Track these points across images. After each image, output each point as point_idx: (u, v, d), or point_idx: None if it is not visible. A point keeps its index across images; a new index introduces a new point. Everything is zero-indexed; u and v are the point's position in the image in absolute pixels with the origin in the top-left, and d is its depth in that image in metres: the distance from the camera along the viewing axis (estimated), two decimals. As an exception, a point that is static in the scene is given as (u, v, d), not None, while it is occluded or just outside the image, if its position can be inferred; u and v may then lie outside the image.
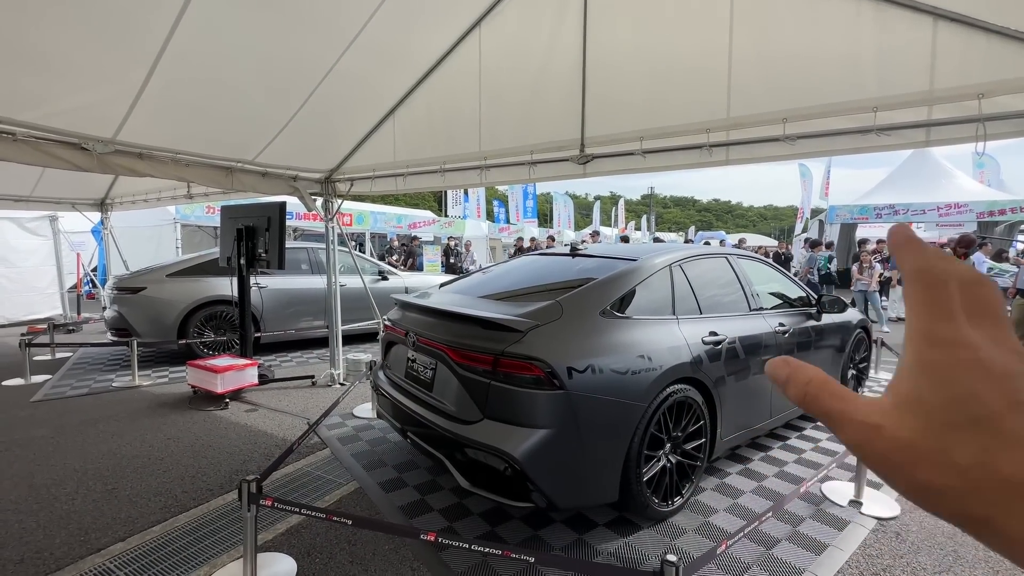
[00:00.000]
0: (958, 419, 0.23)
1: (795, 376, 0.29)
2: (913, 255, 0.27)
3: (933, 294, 0.26)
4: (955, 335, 0.25)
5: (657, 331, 2.58)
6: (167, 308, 5.50)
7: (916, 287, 0.27)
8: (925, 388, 0.25)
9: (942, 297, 0.26)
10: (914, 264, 0.27)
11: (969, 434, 0.23)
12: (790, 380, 0.29)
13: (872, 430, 0.25)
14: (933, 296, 0.26)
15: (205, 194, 5.84)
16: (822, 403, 0.27)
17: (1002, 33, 2.27)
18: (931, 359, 0.25)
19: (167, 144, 3.54)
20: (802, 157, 2.88)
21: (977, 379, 0.24)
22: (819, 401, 0.27)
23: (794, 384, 0.29)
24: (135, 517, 2.60)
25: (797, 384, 0.28)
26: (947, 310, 0.25)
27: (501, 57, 3.60)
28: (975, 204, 12.69)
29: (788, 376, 0.29)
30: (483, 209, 21.37)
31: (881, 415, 0.25)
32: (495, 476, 2.19)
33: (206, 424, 3.91)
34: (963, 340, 0.25)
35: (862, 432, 0.25)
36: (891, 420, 0.25)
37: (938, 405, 0.24)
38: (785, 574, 2.16)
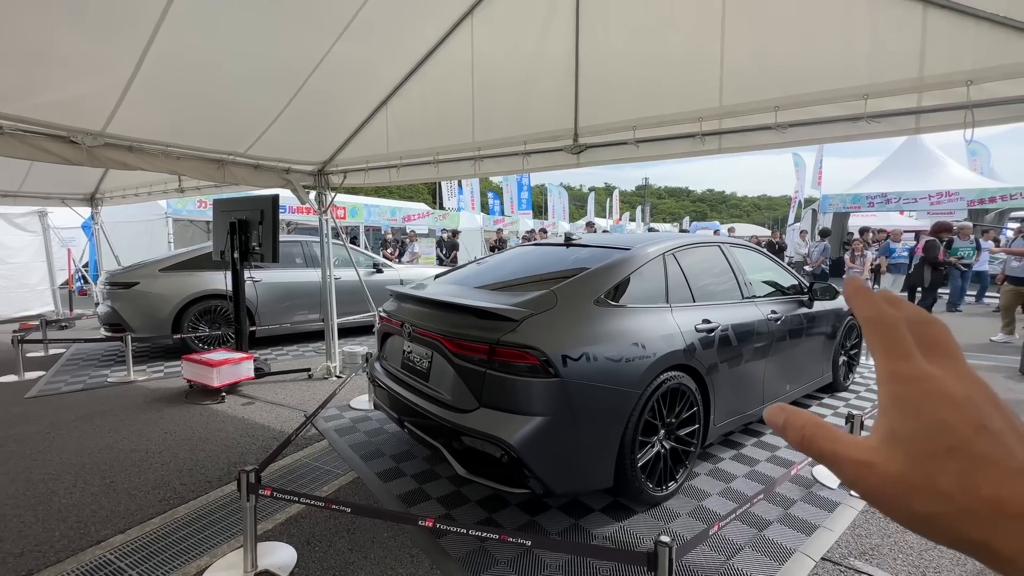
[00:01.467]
0: (934, 448, 0.25)
1: (791, 421, 0.30)
2: (863, 305, 0.30)
3: (889, 338, 0.29)
4: (915, 371, 0.27)
5: (651, 319, 2.61)
6: (161, 303, 5.48)
7: (872, 333, 0.29)
8: (899, 422, 0.26)
9: (896, 339, 0.28)
10: (866, 313, 0.30)
11: (947, 461, 0.24)
12: (787, 425, 0.30)
13: (864, 467, 0.27)
14: (889, 339, 0.28)
15: (197, 188, 5.79)
16: (817, 445, 0.29)
17: (991, 19, 2.28)
18: (899, 394, 0.27)
19: (157, 137, 3.50)
20: (794, 145, 2.90)
21: (942, 408, 0.26)
22: (815, 443, 0.29)
23: (791, 428, 0.30)
24: (134, 510, 2.61)
25: (793, 428, 0.30)
26: (904, 350, 0.28)
27: (494, 47, 3.58)
28: (966, 192, 12.77)
29: (784, 422, 0.31)
30: (478, 201, 21.30)
31: (870, 452, 0.27)
32: (492, 463, 2.22)
33: (203, 418, 3.92)
34: (923, 374, 0.27)
35: (856, 470, 0.27)
36: (879, 456, 0.26)
37: (913, 436, 0.26)
38: (776, 554, 2.21)
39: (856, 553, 2.25)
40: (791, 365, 3.59)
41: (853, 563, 2.18)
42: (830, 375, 4.25)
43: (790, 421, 0.30)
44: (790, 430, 0.30)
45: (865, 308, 0.30)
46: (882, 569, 2.14)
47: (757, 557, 2.19)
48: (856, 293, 0.31)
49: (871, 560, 2.20)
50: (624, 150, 3.30)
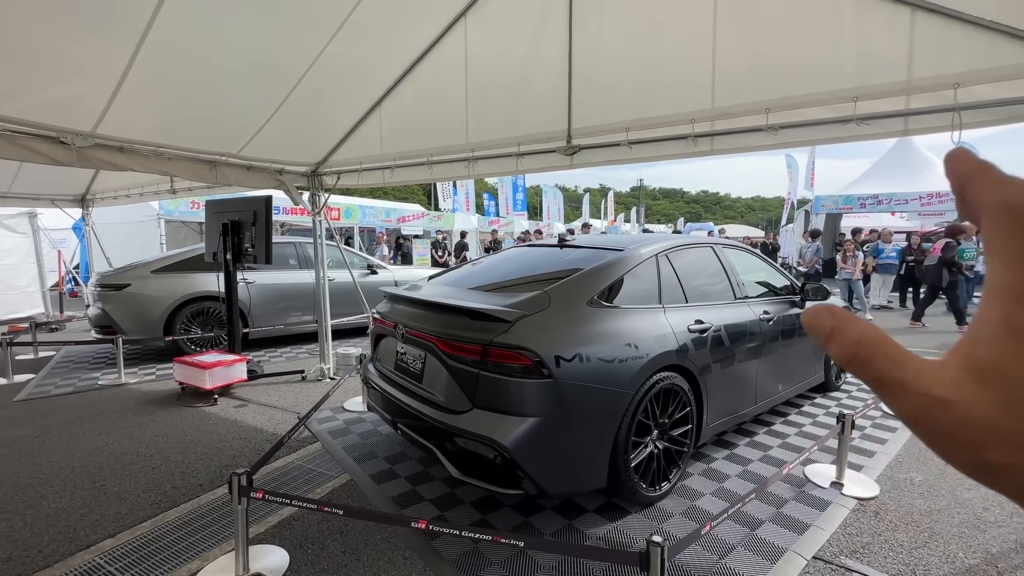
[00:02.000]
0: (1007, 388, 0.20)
1: (842, 331, 0.24)
2: (994, 186, 0.22)
3: (1020, 242, 0.21)
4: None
5: (644, 320, 2.62)
6: (153, 304, 5.44)
7: (1003, 228, 0.21)
8: (1013, 358, 0.20)
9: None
10: (999, 198, 0.22)
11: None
12: (835, 335, 0.24)
13: (938, 405, 0.21)
14: (1019, 244, 0.21)
15: (189, 189, 5.76)
16: (875, 368, 0.23)
17: (977, 23, 2.31)
18: (1021, 324, 0.20)
19: (149, 137, 3.48)
20: (785, 147, 2.93)
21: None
22: (871, 365, 0.23)
23: (840, 341, 0.24)
24: (124, 513, 2.59)
25: (844, 341, 0.24)
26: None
27: (487, 48, 3.59)
28: (955, 193, 12.90)
29: (833, 330, 0.24)
30: (472, 202, 21.29)
31: (949, 388, 0.21)
32: (485, 464, 2.22)
33: (195, 420, 3.89)
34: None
35: (924, 406, 0.22)
36: (963, 393, 0.21)
37: (1020, 378, 0.20)
38: (768, 553, 2.23)
39: (847, 551, 2.26)
40: (784, 365, 3.62)
41: (844, 561, 2.19)
42: (822, 375, 4.29)
43: (840, 330, 0.24)
44: (838, 342, 0.24)
45: (998, 191, 0.22)
46: (872, 567, 2.16)
47: (749, 556, 2.20)
48: (980, 170, 0.23)
49: (862, 558, 2.22)
50: (617, 151, 3.32)
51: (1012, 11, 2.23)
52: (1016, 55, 2.28)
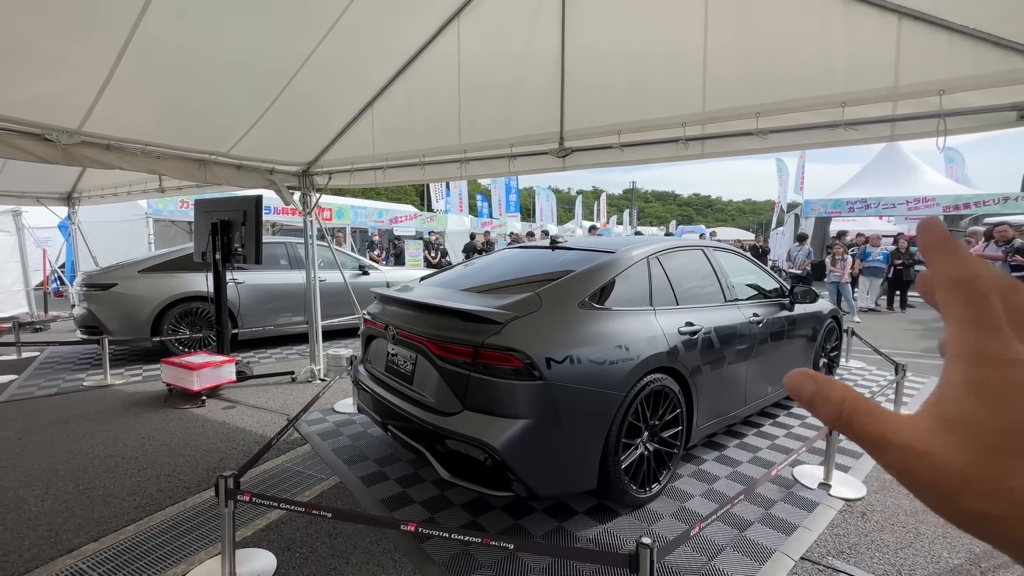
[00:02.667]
0: (1014, 446, 0.22)
1: (823, 394, 0.26)
2: (951, 262, 0.24)
3: (980, 309, 0.23)
4: (1007, 353, 0.23)
5: (634, 322, 2.63)
6: (140, 305, 5.36)
7: (957, 300, 0.24)
8: (975, 410, 0.23)
9: (989, 311, 0.23)
10: (954, 273, 0.24)
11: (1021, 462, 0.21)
12: (817, 399, 0.26)
13: (918, 457, 0.23)
14: (979, 311, 0.23)
15: (178, 188, 5.69)
16: (858, 426, 0.25)
17: (961, 31, 2.35)
18: (982, 380, 0.23)
19: (136, 135, 3.43)
20: (774, 151, 2.95)
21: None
22: (854, 424, 0.25)
23: (823, 404, 0.26)
24: (108, 517, 2.55)
25: (827, 404, 0.26)
26: (995, 326, 0.23)
27: (480, 49, 3.59)
28: (942, 198, 13.14)
29: (815, 394, 0.26)
30: (466, 203, 21.28)
31: (927, 439, 0.23)
32: (476, 466, 2.21)
33: (182, 422, 3.84)
34: (1017, 358, 0.23)
35: (907, 458, 0.23)
36: (938, 445, 0.23)
37: (992, 430, 0.22)
38: (757, 554, 2.24)
39: (834, 552, 2.29)
40: (773, 367, 3.64)
41: (832, 562, 2.21)
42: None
43: (822, 393, 0.26)
44: (822, 404, 0.25)
45: (953, 267, 0.24)
46: (859, 568, 2.18)
47: (738, 557, 2.22)
48: (941, 244, 0.25)
49: (849, 559, 2.24)
50: (609, 154, 3.33)
51: (995, 20, 2.27)
52: (999, 63, 2.33)
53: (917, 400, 4.51)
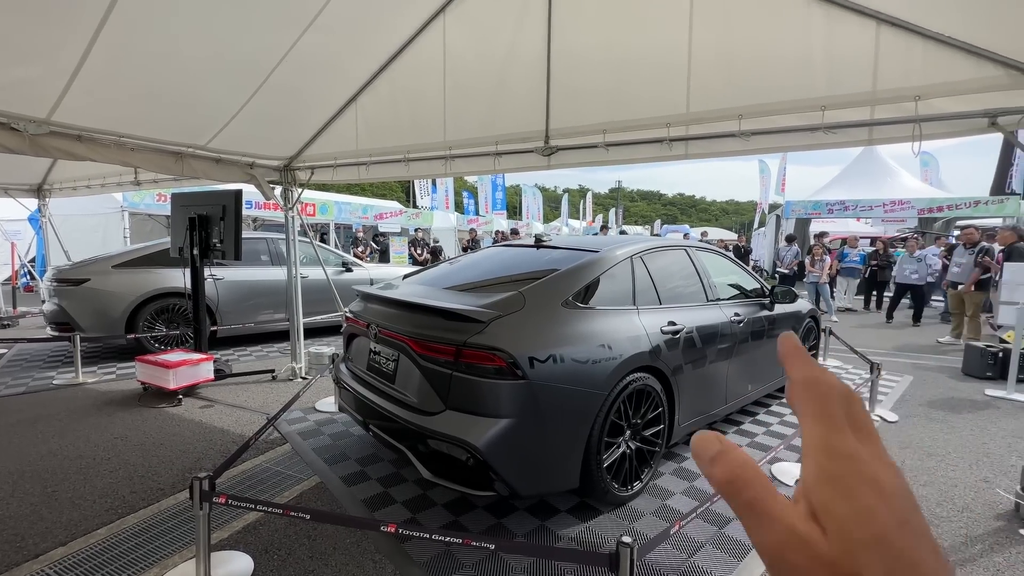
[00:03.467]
0: (865, 536, 0.23)
1: (728, 455, 0.27)
2: (802, 365, 0.28)
3: (824, 406, 0.26)
4: (849, 447, 0.25)
5: (617, 321, 2.64)
6: (114, 301, 5.21)
7: (807, 397, 0.27)
8: (831, 501, 0.24)
9: (832, 410, 0.26)
10: (804, 374, 0.28)
11: (874, 553, 0.23)
12: (721, 458, 0.27)
13: (801, 542, 0.24)
14: (824, 408, 0.26)
15: (155, 181, 5.54)
16: (752, 492, 0.25)
17: (936, 39, 2.40)
18: (833, 471, 0.25)
19: (109, 126, 3.32)
20: (757, 153, 2.99)
21: (873, 495, 0.24)
22: (749, 489, 0.25)
23: (725, 463, 0.26)
24: (78, 520, 2.47)
25: (729, 464, 0.26)
26: (838, 423, 0.26)
27: (466, 46, 3.56)
28: (917, 201, 13.48)
29: (719, 454, 0.27)
30: (452, 200, 21.17)
31: (806, 525, 0.24)
32: (457, 466, 2.20)
33: (157, 422, 3.75)
34: (856, 453, 0.25)
35: (790, 540, 0.24)
36: (815, 532, 0.24)
37: (846, 519, 0.23)
38: (735, 551, 2.27)
39: (810, 548, 2.33)
40: (753, 366, 3.70)
41: (807, 558, 2.25)
42: (789, 375, 4.40)
43: (727, 454, 0.27)
44: (724, 464, 0.26)
45: (803, 368, 0.28)
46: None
47: (717, 554, 2.25)
48: (793, 352, 0.29)
49: (824, 554, 2.28)
50: (594, 153, 3.33)
51: (968, 28, 2.32)
52: (971, 71, 2.39)
53: (891, 398, 4.62)
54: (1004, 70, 2.32)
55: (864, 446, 0.26)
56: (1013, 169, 14.34)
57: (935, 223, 15.73)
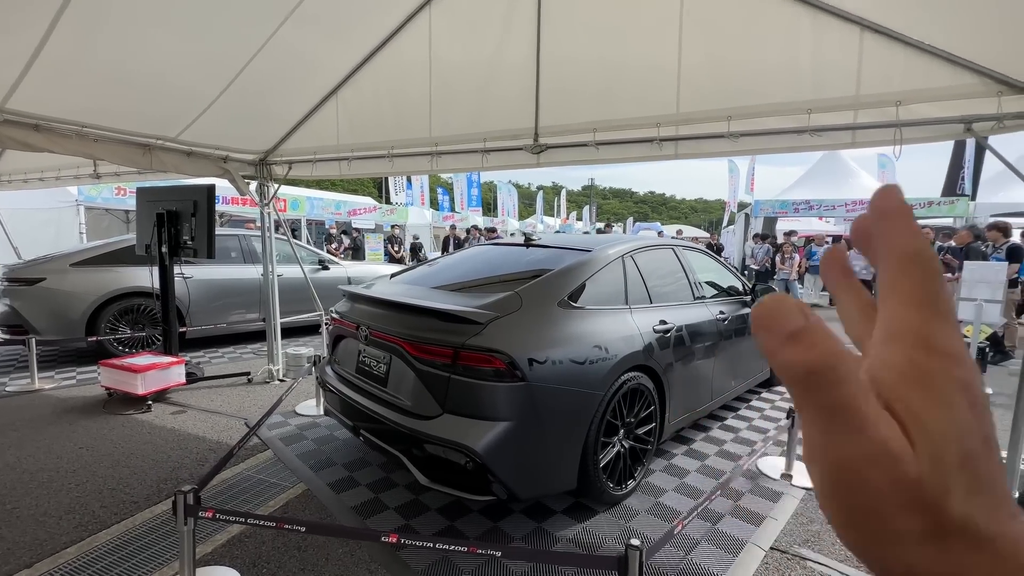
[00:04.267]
0: (958, 455, 0.19)
1: (814, 336, 0.19)
2: (909, 234, 0.22)
3: (930, 288, 0.21)
4: (954, 346, 0.20)
5: (612, 321, 2.64)
6: (73, 301, 4.90)
7: (911, 273, 0.21)
8: (927, 409, 0.19)
9: (939, 294, 0.21)
10: (910, 245, 0.21)
11: (963, 476, 0.19)
12: (804, 336, 0.19)
13: (890, 458, 0.19)
14: (932, 290, 0.21)
15: (116, 174, 5.21)
16: (843, 391, 0.19)
17: (917, 46, 2.49)
18: (930, 370, 0.20)
19: (71, 116, 3.10)
20: (745, 154, 3.04)
21: (967, 405, 0.20)
22: (841, 387, 0.19)
23: (810, 345, 0.19)
24: (43, 539, 2.30)
25: (815, 348, 0.19)
26: (944, 312, 0.21)
27: (452, 40, 3.48)
28: (876, 201, 14.11)
29: (802, 330, 0.19)
30: (427, 196, 20.90)
31: (902, 441, 0.19)
32: (455, 471, 2.15)
33: (125, 430, 3.54)
34: (957, 353, 0.20)
35: (877, 455, 0.19)
36: (907, 449, 0.19)
37: (943, 434, 0.19)
38: (730, 546, 2.31)
39: (800, 541, 2.39)
40: (736, 362, 3.78)
41: (799, 551, 2.31)
42: (768, 371, 4.52)
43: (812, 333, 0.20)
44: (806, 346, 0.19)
45: (910, 236, 0.21)
46: (823, 555, 2.29)
47: (713, 550, 2.28)
48: (899, 211, 0.22)
49: (814, 547, 2.35)
50: (584, 152, 3.32)
51: (948, 38, 2.41)
52: (949, 78, 2.48)
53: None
54: (980, 78, 2.42)
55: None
56: (963, 171, 15.16)
57: (892, 222, 16.50)
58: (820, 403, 0.20)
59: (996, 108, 2.42)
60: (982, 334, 5.04)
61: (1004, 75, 2.38)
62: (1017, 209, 11.90)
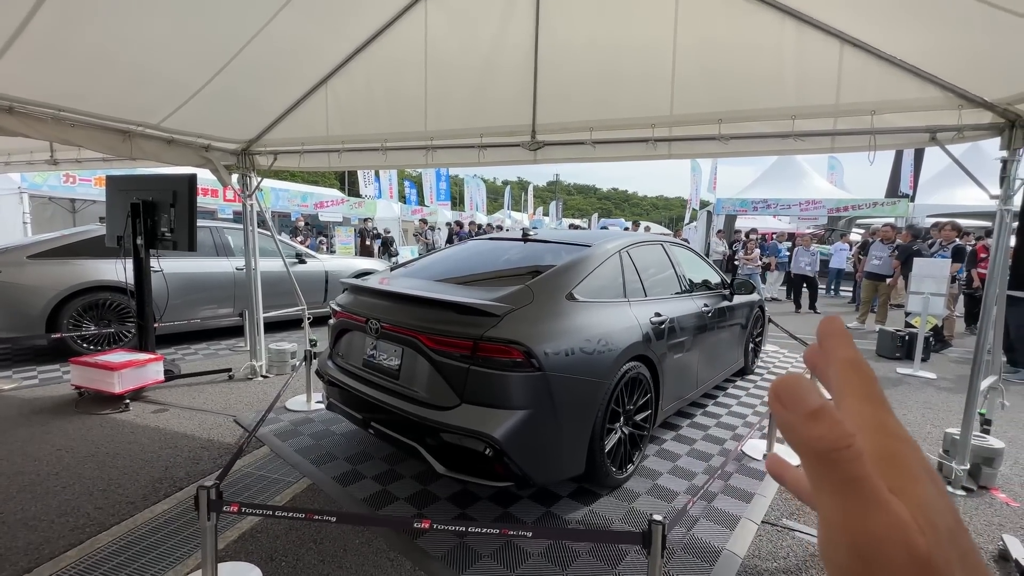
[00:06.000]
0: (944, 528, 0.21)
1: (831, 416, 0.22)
2: (848, 347, 0.27)
3: (871, 387, 0.26)
4: (903, 432, 0.24)
5: (615, 313, 2.76)
6: (31, 296, 4.58)
7: (854, 376, 0.26)
8: (907, 484, 0.22)
9: (878, 390, 0.26)
10: (850, 355, 0.27)
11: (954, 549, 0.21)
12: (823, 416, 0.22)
13: (907, 533, 0.21)
14: (871, 389, 0.26)
15: (76, 160, 4.92)
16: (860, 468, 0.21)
17: (890, 60, 2.72)
18: (895, 452, 0.23)
19: (47, 98, 2.91)
20: (734, 155, 3.22)
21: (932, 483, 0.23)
22: (858, 465, 0.21)
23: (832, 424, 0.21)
24: (38, 543, 2.20)
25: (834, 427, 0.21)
26: (886, 403, 0.25)
27: (449, 33, 3.48)
28: (827, 201, 15.01)
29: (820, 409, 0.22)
30: (395, 190, 20.55)
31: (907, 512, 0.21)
32: (474, 458, 2.21)
33: (104, 430, 3.38)
34: (908, 438, 0.24)
35: (895, 531, 0.21)
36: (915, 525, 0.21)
37: (929, 505, 0.22)
38: (726, 522, 2.48)
39: (787, 514, 2.60)
40: (718, 352, 4.00)
41: (786, 523, 2.52)
42: (743, 360, 4.81)
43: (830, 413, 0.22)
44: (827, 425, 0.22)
45: (850, 349, 0.27)
46: (808, 526, 2.50)
47: (711, 526, 2.45)
48: (839, 332, 0.28)
49: (799, 519, 2.56)
50: (581, 150, 3.42)
51: (917, 54, 2.65)
52: (917, 90, 2.73)
53: (824, 378, 5.18)
54: (943, 93, 2.68)
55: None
56: (905, 174, 16.33)
57: (840, 221, 17.65)
58: (840, 478, 0.21)
59: (957, 120, 2.69)
60: (928, 324, 5.53)
61: (964, 90, 2.64)
62: (949, 210, 12.98)
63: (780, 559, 2.25)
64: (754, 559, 2.25)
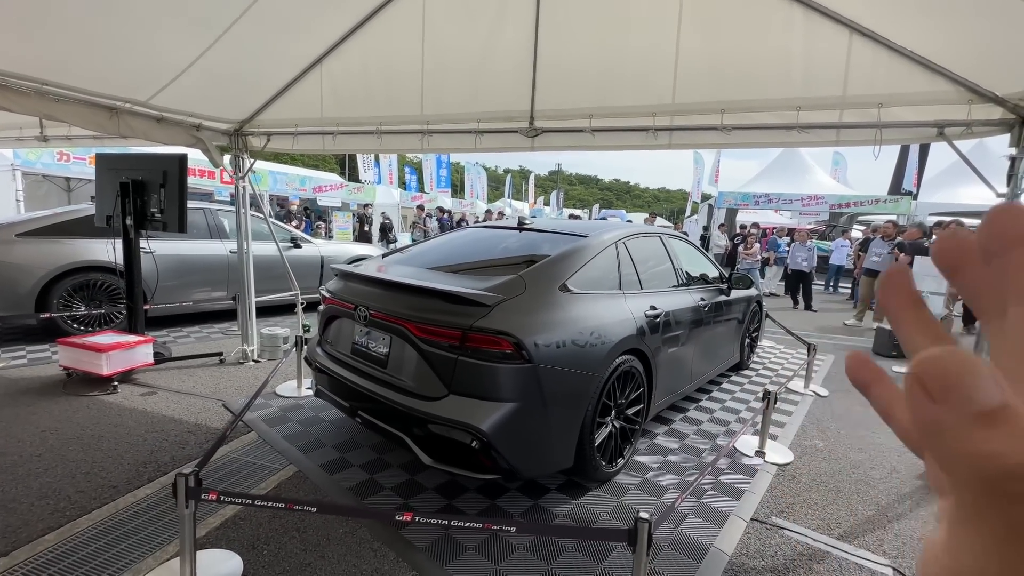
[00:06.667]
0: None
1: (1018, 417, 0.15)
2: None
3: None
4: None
5: (609, 305, 2.71)
6: (20, 275, 4.52)
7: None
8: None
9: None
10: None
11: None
12: (1003, 418, 0.15)
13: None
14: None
15: (67, 137, 4.81)
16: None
17: (901, 52, 2.64)
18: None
19: (30, 71, 2.82)
20: (736, 147, 3.14)
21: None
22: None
23: (1015, 432, 0.15)
24: (16, 526, 2.17)
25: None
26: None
27: (447, 15, 3.38)
28: (830, 197, 14.89)
29: (999, 409, 0.15)
30: (395, 175, 20.37)
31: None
32: (460, 450, 2.17)
33: (91, 412, 3.35)
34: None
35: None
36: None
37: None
38: (715, 518, 2.46)
39: (776, 512, 2.58)
40: (713, 347, 3.96)
41: (775, 521, 2.49)
42: (738, 355, 4.77)
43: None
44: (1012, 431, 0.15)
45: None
46: (797, 524, 2.48)
47: (701, 522, 2.42)
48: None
49: (788, 517, 2.54)
50: (580, 137, 3.34)
51: (928, 45, 2.57)
52: (926, 83, 2.65)
53: (820, 375, 5.16)
54: (954, 86, 2.60)
55: None
56: (910, 171, 16.20)
57: (841, 217, 17.54)
58: (1016, 520, 0.14)
59: (966, 115, 2.62)
60: (926, 323, 5.48)
61: (975, 84, 2.56)
62: (952, 209, 12.89)
63: (768, 557, 2.23)
64: (742, 557, 2.22)
